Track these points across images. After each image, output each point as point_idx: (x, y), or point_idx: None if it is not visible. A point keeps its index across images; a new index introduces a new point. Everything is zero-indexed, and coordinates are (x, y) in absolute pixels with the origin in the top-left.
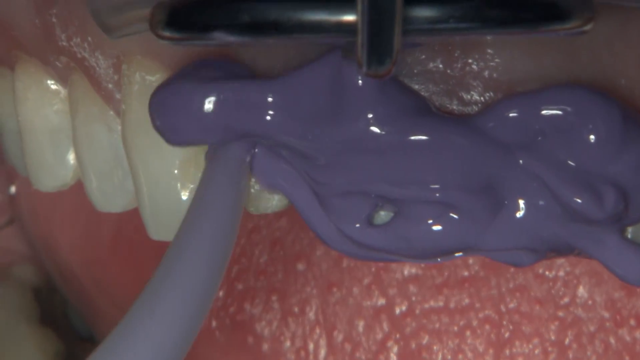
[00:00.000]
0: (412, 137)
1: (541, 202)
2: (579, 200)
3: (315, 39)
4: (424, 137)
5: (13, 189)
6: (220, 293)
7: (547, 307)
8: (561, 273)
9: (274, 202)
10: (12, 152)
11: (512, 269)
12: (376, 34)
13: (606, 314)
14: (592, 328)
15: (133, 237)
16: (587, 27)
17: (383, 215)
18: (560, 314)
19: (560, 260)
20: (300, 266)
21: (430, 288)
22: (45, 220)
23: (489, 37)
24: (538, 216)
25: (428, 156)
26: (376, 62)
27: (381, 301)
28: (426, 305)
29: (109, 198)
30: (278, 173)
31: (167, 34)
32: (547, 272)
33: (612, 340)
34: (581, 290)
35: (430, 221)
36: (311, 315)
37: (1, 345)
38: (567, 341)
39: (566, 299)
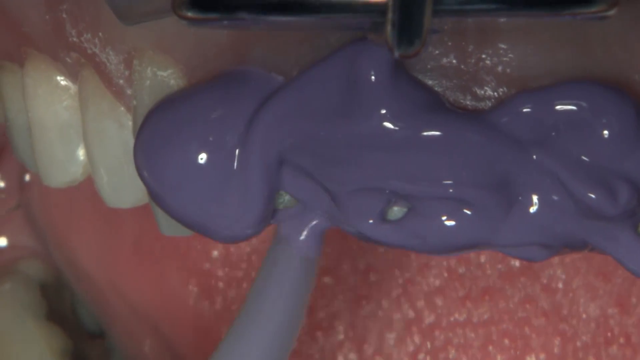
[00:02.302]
0: (426, 133)
1: (555, 198)
2: (592, 196)
3: (343, 18)
4: (437, 133)
5: (27, 179)
6: None
7: (552, 319)
8: (560, 285)
9: (286, 197)
10: (21, 148)
11: (522, 278)
12: (407, 14)
13: (599, 330)
14: (586, 342)
15: (154, 246)
16: (611, 12)
17: (396, 211)
18: (563, 327)
19: (558, 271)
20: (328, 280)
21: (455, 301)
22: (62, 225)
23: (504, 20)
24: (551, 212)
25: (441, 152)
26: (406, 42)
27: (411, 314)
28: (452, 319)
29: (119, 194)
30: (291, 184)
31: (190, 14)
32: (554, 283)
33: (603, 355)
34: (579, 304)
35: (444, 217)
36: (340, 329)
37: (7, 342)
38: (568, 355)
39: (564, 311)
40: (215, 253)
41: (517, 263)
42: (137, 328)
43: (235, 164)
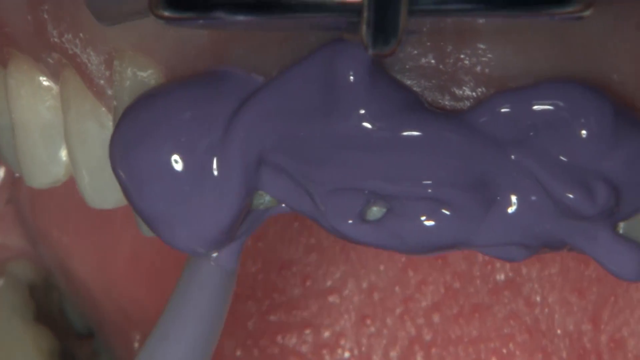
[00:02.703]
0: (404, 133)
1: (533, 198)
2: (570, 196)
3: (319, 18)
4: (416, 133)
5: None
6: (249, 324)
7: (535, 335)
8: (538, 299)
9: (266, 197)
10: (4, 149)
11: (506, 292)
12: (382, 13)
13: (573, 346)
14: (563, 358)
15: (155, 258)
16: (586, 13)
17: (375, 211)
18: (545, 342)
19: (536, 285)
20: (333, 299)
21: (449, 318)
22: (56, 234)
23: (482, 21)
24: (530, 212)
25: (420, 152)
26: (382, 42)
27: (412, 332)
28: (446, 336)
29: (101, 194)
30: (270, 184)
31: (167, 14)
32: (533, 297)
33: None
34: (554, 320)
35: (423, 217)
36: (346, 346)
37: None
38: None
39: (543, 327)
40: None
41: (502, 277)
42: (129, 331)
43: (214, 165)
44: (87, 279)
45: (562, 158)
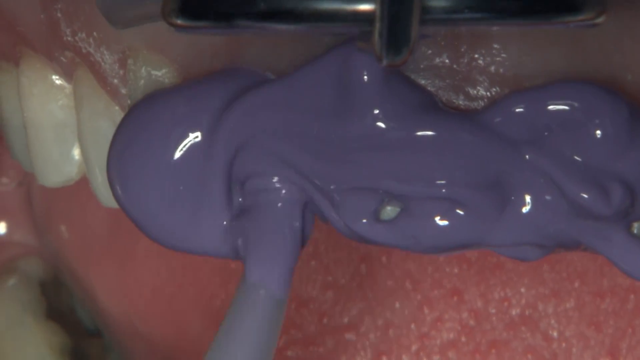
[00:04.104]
0: (419, 133)
1: (548, 198)
2: (585, 196)
3: (331, 28)
4: (430, 133)
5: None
6: None
7: None
8: (555, 334)
9: None
10: (17, 148)
11: (523, 327)
12: (394, 23)
13: None
14: None
15: (176, 292)
16: (599, 20)
17: (389, 211)
18: None
19: (552, 321)
20: (349, 336)
21: (466, 354)
22: (81, 266)
23: (496, 29)
24: (545, 212)
25: (434, 152)
26: (394, 52)
27: None
28: None
29: None
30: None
31: (180, 22)
32: (550, 332)
33: None
34: (573, 354)
35: (437, 217)
36: None
37: (7, 340)
38: None
39: None
40: None
41: (518, 312)
42: (133, 336)
43: (200, 154)
44: (110, 309)
45: (576, 158)
